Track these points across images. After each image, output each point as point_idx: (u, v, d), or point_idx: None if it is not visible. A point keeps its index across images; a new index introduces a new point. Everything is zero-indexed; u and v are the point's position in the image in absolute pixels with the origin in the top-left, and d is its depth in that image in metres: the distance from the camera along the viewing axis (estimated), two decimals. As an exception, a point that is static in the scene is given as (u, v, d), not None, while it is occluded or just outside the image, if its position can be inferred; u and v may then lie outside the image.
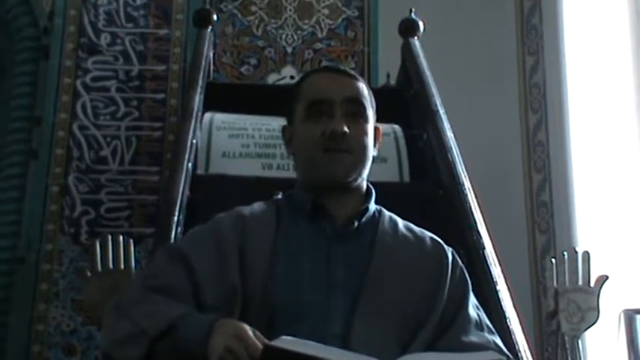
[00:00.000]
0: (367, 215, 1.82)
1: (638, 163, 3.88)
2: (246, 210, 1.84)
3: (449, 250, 1.85)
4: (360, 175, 1.82)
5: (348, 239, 1.77)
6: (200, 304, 1.67)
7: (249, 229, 1.77)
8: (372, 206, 1.86)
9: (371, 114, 1.86)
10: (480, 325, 1.75)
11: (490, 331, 1.77)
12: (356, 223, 1.79)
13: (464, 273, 1.83)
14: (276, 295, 1.67)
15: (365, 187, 1.86)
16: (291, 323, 1.63)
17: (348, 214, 1.80)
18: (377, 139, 1.89)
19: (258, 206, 1.87)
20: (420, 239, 1.85)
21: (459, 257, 1.87)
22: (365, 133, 1.82)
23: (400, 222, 1.88)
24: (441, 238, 1.90)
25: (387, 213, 1.88)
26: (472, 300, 1.80)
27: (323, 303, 1.67)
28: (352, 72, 1.94)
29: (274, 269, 1.70)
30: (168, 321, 1.59)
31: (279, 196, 1.92)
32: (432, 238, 1.86)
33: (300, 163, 1.87)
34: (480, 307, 1.82)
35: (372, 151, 1.85)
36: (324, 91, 1.82)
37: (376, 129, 1.89)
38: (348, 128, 1.78)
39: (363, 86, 1.87)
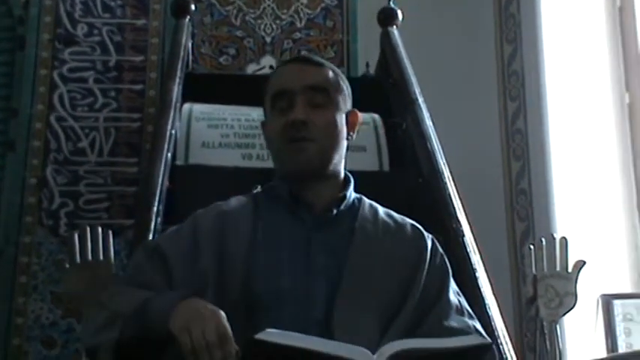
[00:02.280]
0: (346, 203, 1.83)
1: (615, 149, 3.90)
2: (224, 205, 1.86)
3: (429, 237, 1.86)
4: (329, 162, 1.81)
5: (327, 226, 1.79)
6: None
7: (227, 224, 1.78)
8: (351, 194, 1.86)
9: (340, 99, 1.85)
10: (460, 310, 1.77)
11: (470, 316, 1.78)
12: (334, 211, 1.80)
13: (444, 260, 1.84)
14: (256, 283, 1.67)
15: (342, 175, 1.87)
16: (270, 310, 1.65)
17: (326, 202, 1.81)
18: (353, 123, 1.89)
19: (236, 200, 1.88)
20: (400, 226, 1.86)
21: (439, 244, 1.89)
22: (330, 120, 1.81)
23: (380, 209, 1.89)
24: (421, 226, 1.91)
25: (367, 201, 1.89)
26: (453, 286, 1.82)
27: (303, 289, 1.68)
28: (317, 59, 1.95)
29: (253, 260, 1.71)
30: (141, 300, 1.60)
31: (258, 190, 1.92)
32: (412, 225, 1.88)
33: (272, 155, 1.88)
34: (460, 293, 1.84)
35: (342, 137, 1.84)
36: (285, 81, 1.84)
37: (351, 113, 1.89)
38: (311, 116, 1.78)
39: (327, 72, 1.87)
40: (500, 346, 2.15)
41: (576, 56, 3.95)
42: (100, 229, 2.45)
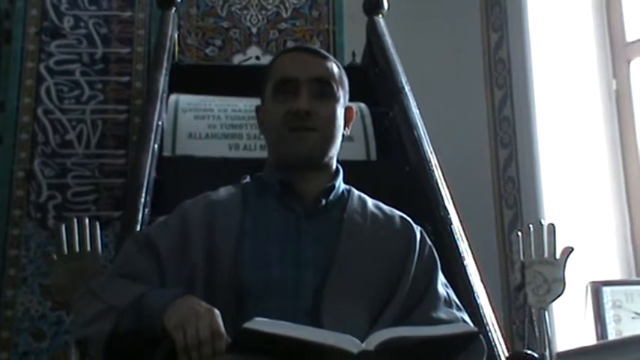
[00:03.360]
0: (335, 193, 1.83)
1: (603, 136, 3.91)
2: (212, 195, 1.85)
3: (417, 229, 1.86)
4: (326, 153, 1.82)
5: (316, 217, 1.79)
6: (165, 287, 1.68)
7: (216, 214, 1.77)
8: (340, 185, 1.87)
9: (340, 94, 1.86)
10: (448, 303, 1.77)
11: (458, 308, 1.79)
12: (324, 201, 1.81)
13: (432, 251, 1.85)
14: (245, 273, 1.67)
15: (334, 166, 1.87)
16: (260, 300, 1.64)
17: (315, 193, 1.81)
18: (349, 119, 1.91)
19: (224, 190, 1.88)
20: (388, 217, 1.86)
21: (427, 235, 1.89)
22: (332, 112, 1.82)
23: (369, 201, 1.89)
24: (409, 215, 1.91)
25: (356, 192, 1.90)
26: (441, 278, 1.82)
27: (292, 279, 1.68)
28: (323, 52, 1.96)
29: (242, 249, 1.71)
30: (136, 295, 1.60)
31: (247, 180, 1.92)
32: (401, 217, 1.88)
33: (269, 142, 1.89)
34: (448, 285, 1.84)
35: (340, 131, 1.86)
36: (291, 70, 1.84)
37: (348, 109, 1.90)
38: (315, 107, 1.79)
39: (332, 66, 1.88)
40: (489, 334, 2.16)
41: (563, 43, 3.96)
42: (87, 221, 2.44)
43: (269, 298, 1.65)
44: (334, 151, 1.85)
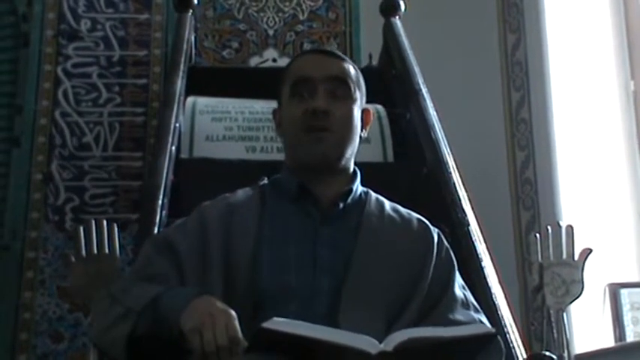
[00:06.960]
0: (352, 196, 1.83)
1: (621, 138, 3.89)
2: (231, 198, 1.85)
3: (435, 231, 1.85)
4: (343, 154, 1.82)
5: (333, 221, 1.78)
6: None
7: (234, 217, 1.77)
8: (358, 188, 1.86)
9: (357, 94, 1.86)
10: (466, 304, 1.77)
11: (476, 310, 1.78)
12: (341, 205, 1.80)
13: (450, 254, 1.84)
14: (262, 279, 1.67)
15: (351, 169, 1.87)
16: (277, 306, 1.64)
17: (333, 196, 1.81)
18: (366, 121, 1.90)
19: (242, 192, 1.88)
20: (406, 220, 1.86)
21: (444, 236, 1.89)
22: (349, 112, 1.82)
23: (387, 203, 1.89)
24: (426, 217, 1.91)
25: (373, 195, 1.89)
26: (458, 280, 1.81)
27: (309, 284, 1.67)
28: (339, 53, 1.97)
29: (260, 254, 1.71)
30: (152, 296, 1.60)
31: (265, 182, 1.92)
32: (418, 219, 1.87)
33: (285, 144, 1.89)
34: (465, 287, 1.84)
35: (357, 132, 1.85)
36: (307, 70, 1.84)
37: (365, 111, 1.90)
38: (331, 107, 1.78)
39: (348, 67, 1.88)
40: (507, 336, 2.15)
41: (580, 45, 3.95)
42: (105, 223, 2.45)
43: (286, 303, 1.65)
44: (351, 153, 1.84)
